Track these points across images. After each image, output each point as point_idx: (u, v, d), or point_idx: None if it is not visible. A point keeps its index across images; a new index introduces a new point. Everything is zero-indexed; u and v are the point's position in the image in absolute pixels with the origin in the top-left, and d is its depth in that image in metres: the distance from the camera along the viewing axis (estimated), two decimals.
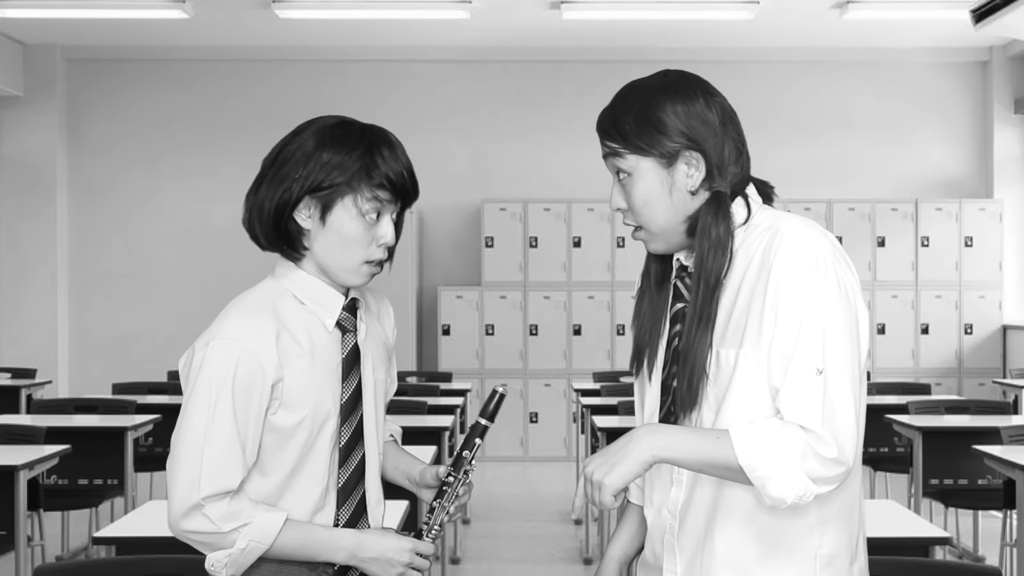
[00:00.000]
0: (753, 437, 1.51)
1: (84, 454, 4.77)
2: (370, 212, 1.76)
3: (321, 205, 1.75)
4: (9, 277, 9.26)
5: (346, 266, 1.77)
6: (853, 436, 1.52)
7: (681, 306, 1.68)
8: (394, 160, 1.79)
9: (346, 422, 1.80)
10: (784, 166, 9.27)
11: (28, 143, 9.28)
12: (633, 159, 1.65)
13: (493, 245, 8.90)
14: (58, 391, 8.97)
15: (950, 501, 5.04)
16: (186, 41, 9.16)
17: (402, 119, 9.34)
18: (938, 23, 8.44)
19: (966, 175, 9.49)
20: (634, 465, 1.53)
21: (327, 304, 1.80)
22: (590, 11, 8.00)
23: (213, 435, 1.67)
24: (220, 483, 1.66)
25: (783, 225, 1.61)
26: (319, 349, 1.77)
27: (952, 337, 8.99)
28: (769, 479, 1.49)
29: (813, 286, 1.53)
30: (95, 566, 2.33)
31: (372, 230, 1.77)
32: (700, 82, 1.69)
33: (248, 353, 1.69)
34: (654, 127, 1.63)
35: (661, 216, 1.65)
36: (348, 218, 1.75)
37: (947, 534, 2.79)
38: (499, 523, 6.53)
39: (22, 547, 4.05)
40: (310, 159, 1.75)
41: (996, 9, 6.58)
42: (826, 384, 1.51)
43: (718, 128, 1.64)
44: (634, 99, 1.66)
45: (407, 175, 1.81)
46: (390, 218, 1.79)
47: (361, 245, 1.76)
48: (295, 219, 1.76)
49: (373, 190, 1.75)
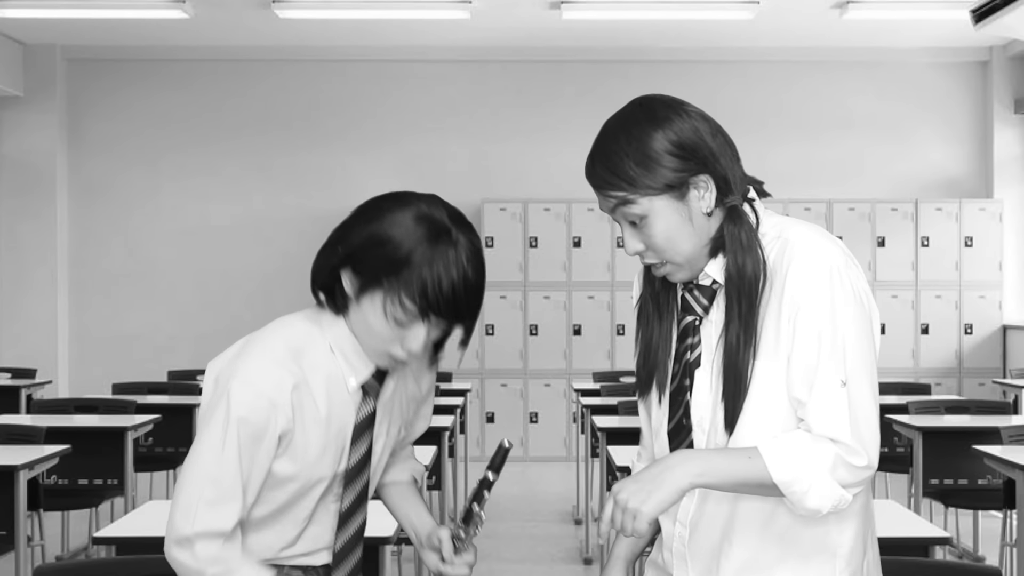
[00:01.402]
0: (784, 454, 1.53)
1: (84, 454, 4.76)
2: (397, 318, 1.62)
3: (358, 285, 1.64)
4: (9, 277, 9.26)
5: (368, 347, 1.68)
6: (877, 439, 1.56)
7: (692, 319, 1.67)
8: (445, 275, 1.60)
9: (349, 486, 1.75)
10: (784, 166, 9.27)
11: (28, 143, 9.28)
12: (646, 202, 1.59)
13: (493, 245, 8.89)
14: (58, 391, 8.97)
15: (950, 501, 5.03)
16: (186, 41, 9.16)
17: (402, 119, 9.35)
18: (938, 23, 8.44)
19: (966, 175, 9.49)
20: (670, 493, 1.53)
21: (356, 366, 1.70)
22: (590, 11, 8.00)
23: (217, 474, 1.62)
24: (215, 523, 1.62)
25: (791, 234, 1.60)
26: (334, 408, 1.70)
27: (952, 337, 8.99)
28: (805, 494, 1.52)
29: (830, 297, 1.54)
30: (95, 566, 2.33)
31: (399, 331, 1.64)
32: (673, 101, 1.66)
33: (265, 401, 1.62)
34: (656, 162, 1.58)
35: (687, 247, 1.61)
36: (373, 312, 1.63)
37: (947, 534, 2.79)
38: (499, 523, 6.53)
39: (22, 547, 4.05)
40: (365, 238, 1.64)
41: (996, 9, 6.58)
42: (850, 394, 1.54)
43: (711, 141, 1.62)
44: (624, 140, 1.60)
45: (451, 295, 1.60)
46: (423, 328, 1.64)
47: (384, 341, 1.65)
48: (341, 281, 1.67)
49: (403, 299, 1.60)
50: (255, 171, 9.35)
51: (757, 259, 1.59)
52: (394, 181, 9.29)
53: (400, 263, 1.59)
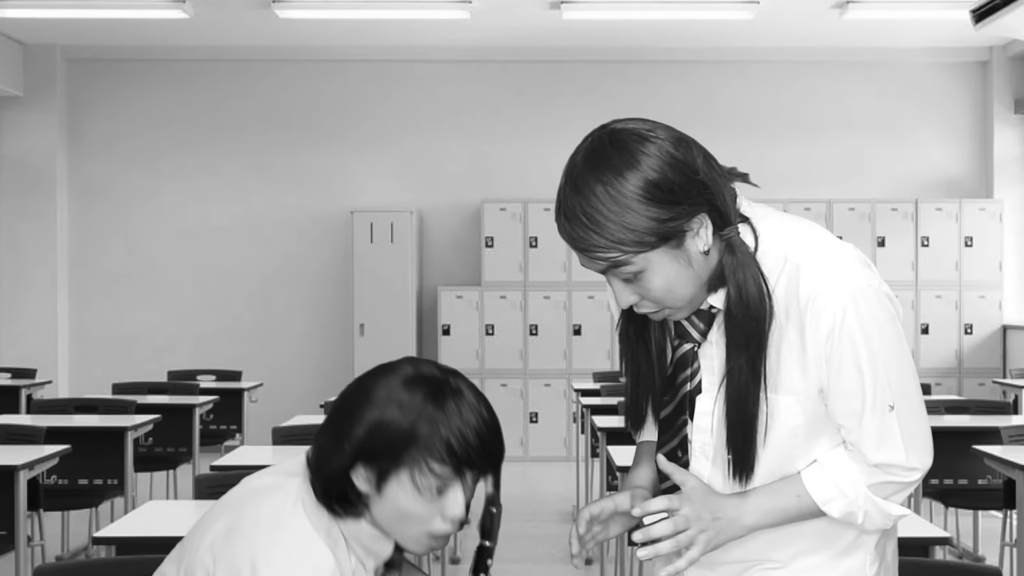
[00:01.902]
0: (834, 490, 1.54)
1: (84, 454, 4.76)
2: (430, 488, 1.51)
3: (377, 473, 1.52)
4: (9, 277, 9.26)
5: (406, 537, 1.56)
6: (930, 443, 1.56)
7: (690, 347, 1.57)
8: (461, 426, 1.51)
9: None
10: (784, 166, 9.27)
11: (28, 143, 9.28)
12: (640, 258, 1.45)
13: (493, 245, 8.89)
14: (58, 391, 8.97)
15: (950, 501, 5.03)
16: (186, 41, 9.16)
17: (402, 119, 9.35)
18: (938, 23, 8.43)
19: (966, 175, 9.49)
20: (724, 543, 1.57)
21: (376, 552, 1.58)
22: (590, 11, 8.00)
23: None
24: None
25: (801, 258, 1.50)
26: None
27: (952, 337, 8.99)
28: (864, 522, 1.55)
29: (859, 325, 1.48)
30: (95, 566, 2.33)
31: (436, 503, 1.53)
32: (634, 135, 1.45)
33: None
34: (646, 216, 1.42)
35: (688, 291, 1.50)
36: (404, 493, 1.51)
37: (947, 534, 2.79)
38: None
39: (22, 547, 4.05)
40: (364, 426, 1.52)
41: (996, 9, 6.58)
42: (899, 414, 1.52)
43: (698, 169, 1.45)
44: (606, 197, 1.42)
45: (477, 441, 1.51)
46: (460, 489, 1.53)
47: (421, 521, 1.53)
48: (353, 482, 1.54)
49: (432, 464, 1.50)
50: (255, 171, 9.35)
51: (762, 293, 1.48)
52: (394, 181, 9.30)
53: (415, 433, 1.49)
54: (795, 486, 1.54)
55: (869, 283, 1.51)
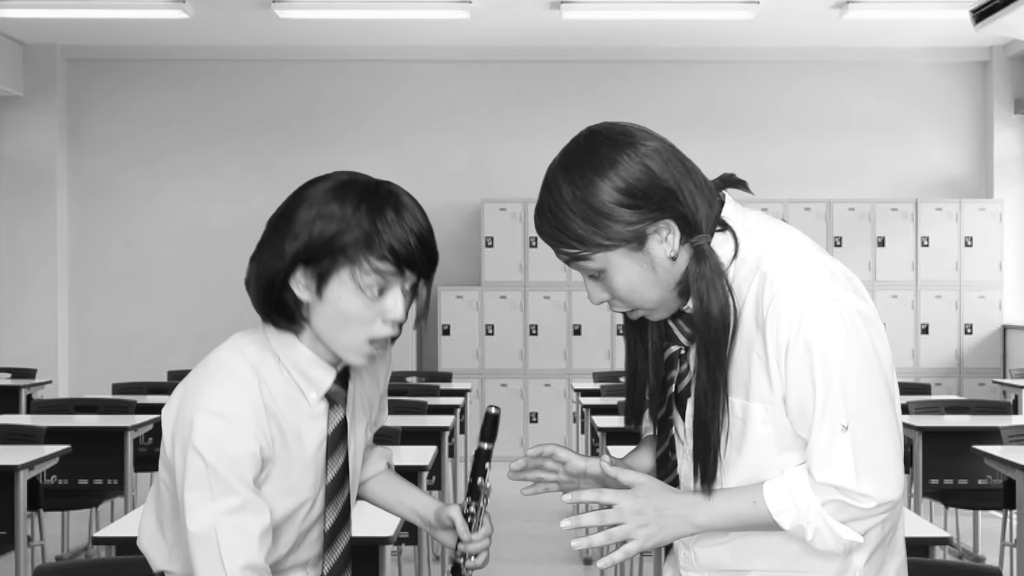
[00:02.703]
0: (787, 501, 1.51)
1: (84, 454, 4.76)
2: (371, 287, 1.54)
3: (317, 276, 1.54)
4: (9, 277, 9.26)
5: (347, 344, 1.57)
6: (895, 473, 1.49)
7: (676, 349, 1.60)
8: (400, 226, 1.54)
9: (331, 503, 1.66)
10: (784, 166, 9.27)
11: (28, 143, 9.28)
12: (600, 257, 1.49)
13: (493, 245, 8.89)
14: (58, 391, 8.97)
15: (950, 501, 5.03)
16: (186, 41, 9.16)
17: (402, 119, 9.35)
18: (938, 23, 8.43)
19: (966, 175, 9.49)
20: (668, 540, 1.56)
21: (315, 379, 1.62)
22: (590, 11, 8.00)
23: (225, 523, 1.51)
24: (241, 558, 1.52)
25: (771, 267, 1.49)
26: (300, 427, 1.61)
27: (952, 337, 8.99)
28: (814, 540, 1.51)
29: (818, 338, 1.45)
30: (95, 566, 2.33)
31: (376, 305, 1.55)
32: (623, 135, 1.50)
33: (240, 434, 1.53)
34: (606, 217, 1.45)
35: (653, 294, 1.52)
36: (345, 292, 1.54)
37: (947, 534, 2.79)
38: (499, 523, 6.49)
39: (22, 547, 4.05)
40: (303, 226, 1.55)
41: (996, 9, 6.58)
42: (855, 436, 1.46)
43: (668, 179, 1.47)
44: (569, 194, 1.47)
45: (417, 243, 1.54)
46: (399, 291, 1.56)
47: (362, 323, 1.55)
48: (291, 289, 1.57)
49: (374, 262, 1.52)
50: (255, 171, 9.35)
51: (724, 303, 1.49)
52: (394, 181, 9.26)
53: (355, 230, 1.52)
54: (753, 492, 1.53)
55: (835, 297, 1.47)
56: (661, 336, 1.63)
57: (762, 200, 8.56)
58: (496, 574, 5.43)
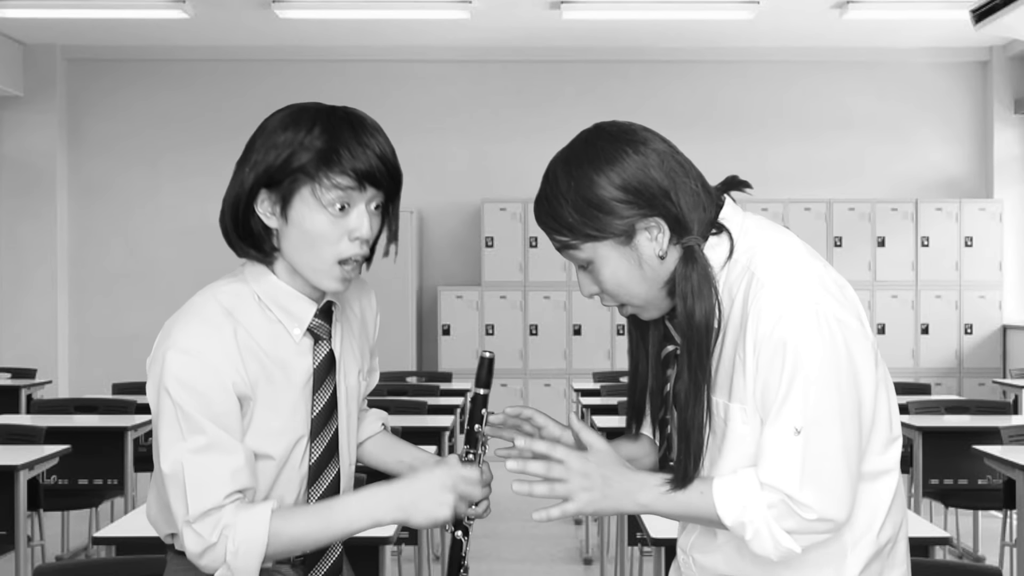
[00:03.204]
0: (734, 497, 1.48)
1: (84, 454, 4.77)
2: (334, 203, 1.55)
3: (280, 198, 1.57)
4: (9, 277, 9.26)
5: (317, 267, 1.59)
6: (842, 492, 1.46)
7: (672, 348, 1.61)
8: (358, 144, 1.56)
9: (317, 437, 1.65)
10: (784, 166, 9.27)
11: (28, 143, 9.28)
12: (589, 248, 1.52)
13: (493, 245, 8.89)
14: (58, 391, 8.97)
15: (950, 501, 5.03)
16: (186, 41, 9.16)
17: (402, 119, 9.35)
18: (938, 23, 8.44)
19: (966, 175, 9.49)
20: (610, 512, 1.55)
21: (296, 313, 1.63)
22: (590, 11, 8.00)
23: (192, 461, 1.52)
24: (207, 501, 1.52)
25: (760, 268, 1.50)
26: (287, 363, 1.62)
27: (952, 337, 8.99)
28: (752, 540, 1.48)
29: (796, 343, 1.44)
30: (95, 566, 2.33)
31: (341, 222, 1.57)
32: (625, 134, 1.52)
33: (209, 370, 1.53)
34: (597, 209, 1.49)
35: (640, 290, 1.54)
36: (309, 211, 1.56)
37: (947, 534, 2.79)
38: (499, 523, 6.53)
39: (22, 547, 4.05)
40: (262, 153, 1.59)
41: (996, 9, 6.58)
42: (807, 443, 1.44)
43: (664, 179, 1.49)
44: (565, 183, 1.51)
45: (378, 159, 1.57)
46: (363, 208, 1.58)
47: (329, 241, 1.57)
48: (257, 215, 1.60)
49: (334, 177, 1.54)
50: None
51: (709, 306, 1.49)
52: None
53: (312, 148, 1.55)
54: (703, 484, 1.52)
55: (817, 302, 1.46)
56: (662, 337, 1.63)
57: (762, 200, 8.55)
58: (496, 574, 5.43)
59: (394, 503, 1.57)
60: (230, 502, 1.54)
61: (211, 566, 1.54)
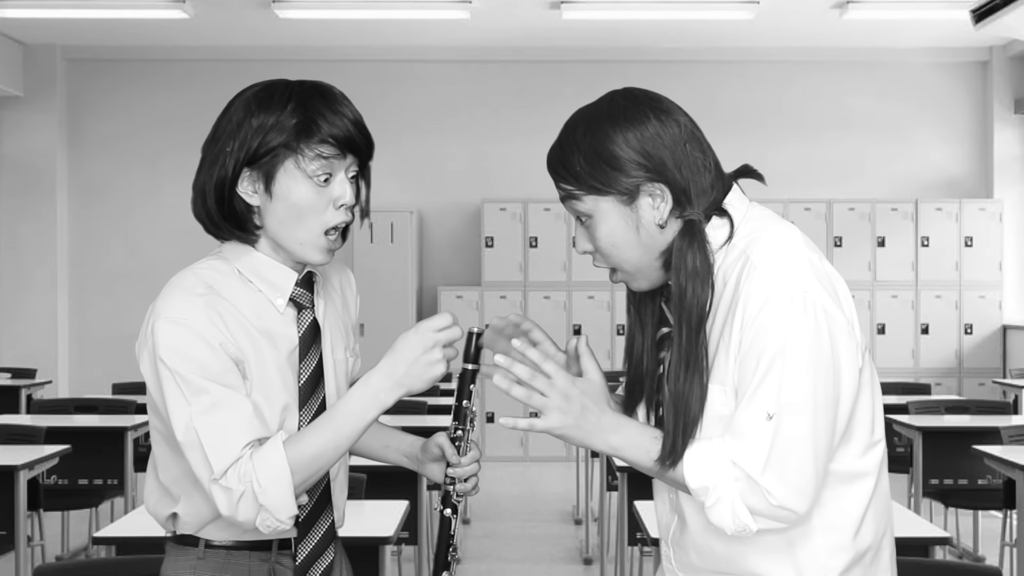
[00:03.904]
0: (704, 463, 1.47)
1: (84, 454, 4.77)
2: (318, 173, 1.60)
3: (263, 175, 1.60)
4: (9, 277, 9.26)
5: (304, 239, 1.62)
6: (806, 484, 1.44)
7: (667, 330, 1.60)
8: (332, 112, 1.61)
9: (305, 406, 1.67)
10: (784, 166, 9.27)
11: (28, 143, 9.28)
12: (591, 200, 1.52)
13: (493, 245, 8.89)
14: (58, 391, 8.97)
15: (950, 501, 5.04)
16: (186, 41, 9.16)
17: (402, 119, 9.35)
18: (938, 23, 8.44)
19: (966, 175, 9.49)
20: (579, 443, 1.54)
21: (278, 283, 1.66)
22: (590, 11, 8.00)
23: (203, 422, 1.55)
24: (227, 456, 1.54)
25: (756, 253, 1.49)
26: (272, 333, 1.65)
27: (952, 337, 8.99)
28: (712, 508, 1.47)
29: (779, 328, 1.43)
30: (95, 566, 2.33)
31: (325, 192, 1.61)
32: (651, 100, 1.53)
33: (196, 334, 1.57)
34: (607, 163, 1.49)
35: (632, 255, 1.54)
36: (294, 183, 1.60)
37: (947, 534, 2.79)
38: (499, 523, 6.53)
39: (22, 547, 4.05)
40: (240, 128, 1.62)
41: (996, 9, 6.58)
42: (777, 430, 1.42)
43: (678, 151, 1.50)
44: (581, 133, 1.53)
45: (353, 126, 1.63)
46: (344, 176, 1.63)
47: (315, 212, 1.61)
48: (240, 196, 1.62)
49: (315, 147, 1.59)
50: None
51: (704, 285, 1.49)
52: (394, 181, 9.29)
53: (291, 124, 1.59)
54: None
55: (806, 290, 1.45)
56: (659, 320, 1.63)
57: (762, 200, 8.41)
58: (496, 574, 5.43)
59: (390, 382, 1.58)
60: (248, 452, 1.56)
61: (248, 516, 1.55)
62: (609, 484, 5.05)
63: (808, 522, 1.51)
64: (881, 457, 1.56)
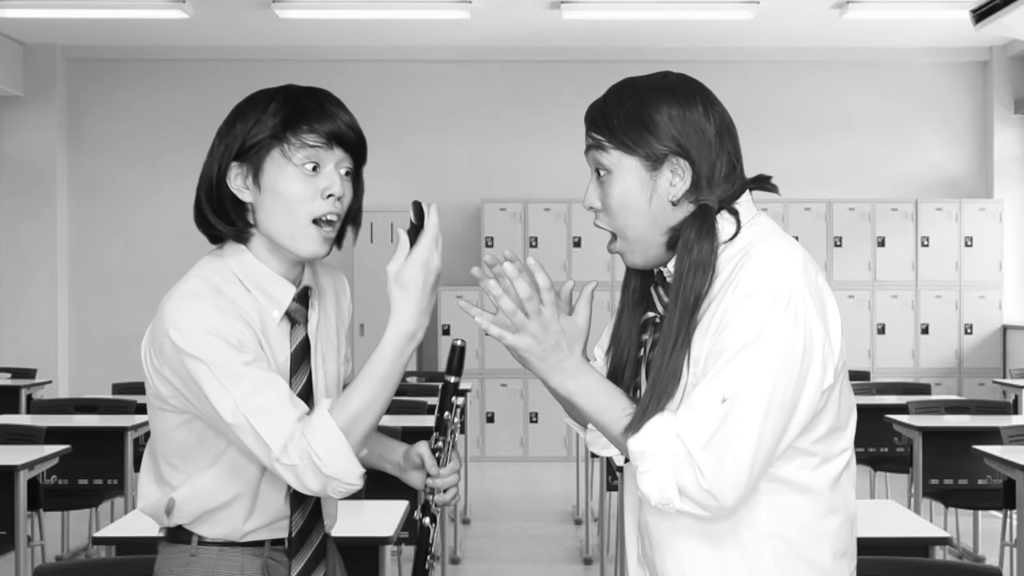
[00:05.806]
0: (648, 429, 1.47)
1: (84, 454, 4.76)
2: (304, 162, 1.62)
3: (251, 168, 1.64)
4: (9, 277, 9.27)
5: (294, 230, 1.63)
6: (740, 477, 1.43)
7: (652, 315, 1.64)
8: (319, 106, 1.64)
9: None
10: (784, 166, 9.26)
11: (28, 143, 9.28)
12: (616, 155, 1.56)
13: (493, 245, 8.89)
14: (58, 391, 8.97)
15: (950, 501, 5.04)
16: (186, 41, 9.16)
17: (402, 119, 9.35)
18: (938, 23, 8.44)
19: (966, 175, 9.49)
20: (537, 373, 1.56)
21: (276, 295, 1.68)
22: (590, 11, 8.00)
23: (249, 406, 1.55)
24: (282, 433, 1.55)
25: (757, 251, 1.50)
26: (271, 339, 1.67)
27: (952, 337, 8.99)
28: (643, 474, 1.47)
29: (758, 320, 1.44)
30: (95, 566, 2.33)
31: (313, 182, 1.63)
32: (701, 88, 1.59)
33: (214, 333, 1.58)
34: (644, 126, 1.54)
35: (638, 223, 1.57)
36: (281, 172, 1.62)
37: (947, 534, 2.79)
38: (499, 523, 6.53)
39: (22, 547, 4.05)
40: (230, 129, 1.68)
41: (996, 9, 6.58)
42: (728, 414, 1.42)
43: (713, 139, 1.55)
44: (629, 94, 1.57)
45: (341, 120, 1.65)
46: (333, 167, 1.65)
47: (303, 200, 1.62)
48: (232, 192, 1.65)
49: (301, 136, 1.61)
50: None
51: (705, 274, 1.51)
52: (394, 181, 9.29)
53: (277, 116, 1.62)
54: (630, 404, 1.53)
55: (794, 290, 1.46)
56: (646, 306, 1.67)
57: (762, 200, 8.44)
58: (496, 574, 5.43)
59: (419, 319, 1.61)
60: (299, 428, 1.57)
61: (318, 486, 1.57)
62: (609, 484, 5.05)
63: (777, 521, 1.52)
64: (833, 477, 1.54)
